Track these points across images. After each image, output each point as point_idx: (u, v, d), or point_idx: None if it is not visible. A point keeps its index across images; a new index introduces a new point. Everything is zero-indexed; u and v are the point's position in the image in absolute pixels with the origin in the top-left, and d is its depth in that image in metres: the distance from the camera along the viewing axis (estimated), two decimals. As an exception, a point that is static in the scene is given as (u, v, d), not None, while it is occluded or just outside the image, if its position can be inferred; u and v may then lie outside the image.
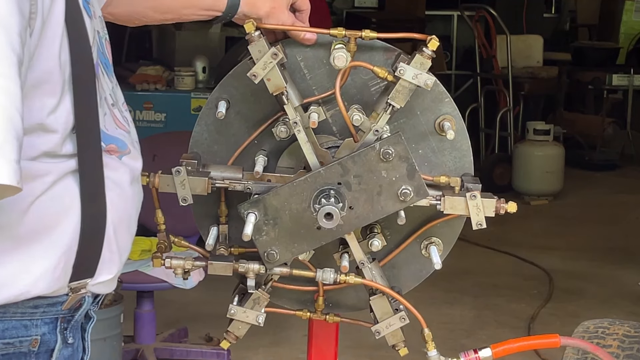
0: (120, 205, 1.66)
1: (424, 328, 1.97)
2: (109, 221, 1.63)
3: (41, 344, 1.60)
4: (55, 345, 1.63)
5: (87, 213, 1.59)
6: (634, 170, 9.31)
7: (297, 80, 1.93)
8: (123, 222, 1.68)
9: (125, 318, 4.03)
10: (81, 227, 1.59)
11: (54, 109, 1.54)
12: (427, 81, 1.83)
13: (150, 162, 4.72)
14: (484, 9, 9.09)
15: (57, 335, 1.63)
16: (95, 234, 1.61)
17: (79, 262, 1.60)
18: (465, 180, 1.92)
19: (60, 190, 1.57)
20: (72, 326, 1.66)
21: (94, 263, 1.63)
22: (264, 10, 1.91)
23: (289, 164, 1.96)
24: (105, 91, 1.69)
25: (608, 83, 9.43)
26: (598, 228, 7.48)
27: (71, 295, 1.62)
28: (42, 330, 1.60)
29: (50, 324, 1.62)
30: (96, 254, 1.62)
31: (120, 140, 1.70)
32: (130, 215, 1.71)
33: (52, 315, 1.61)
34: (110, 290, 1.71)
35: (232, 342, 2.01)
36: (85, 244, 1.60)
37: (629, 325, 2.84)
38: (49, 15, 1.52)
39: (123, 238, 1.69)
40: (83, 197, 1.59)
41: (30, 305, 1.57)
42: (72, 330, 1.66)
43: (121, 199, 1.66)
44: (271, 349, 4.86)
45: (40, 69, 1.51)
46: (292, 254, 1.88)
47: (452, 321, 5.37)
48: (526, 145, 8.29)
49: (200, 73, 6.73)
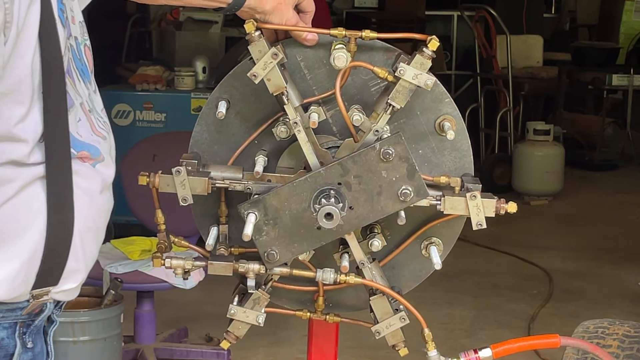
0: (89, 214, 1.64)
1: (424, 328, 1.97)
2: (76, 230, 1.61)
3: (0, 349, 1.58)
4: (15, 350, 1.61)
5: (53, 221, 1.57)
6: (634, 170, 9.31)
7: (297, 80, 1.93)
8: (90, 232, 1.66)
9: (125, 318, 4.03)
10: (46, 235, 1.57)
11: (22, 118, 1.53)
12: (427, 81, 1.83)
13: (150, 162, 4.75)
14: (484, 9, 9.09)
15: (15, 340, 1.61)
16: (60, 243, 1.59)
17: (42, 271, 1.58)
18: (465, 181, 1.92)
19: (26, 198, 1.56)
20: (31, 331, 1.64)
21: (58, 272, 1.60)
22: (270, 5, 1.88)
23: (289, 164, 1.96)
24: (81, 97, 1.67)
25: (608, 83, 9.43)
26: (598, 228, 7.48)
27: (32, 302, 1.60)
28: (1, 334, 1.58)
29: (8, 329, 1.60)
30: (61, 263, 1.60)
31: (94, 147, 1.68)
32: (98, 224, 1.69)
33: (10, 320, 1.60)
34: (73, 297, 1.68)
35: (232, 342, 2.01)
36: (50, 253, 1.58)
37: (629, 325, 2.84)
38: (24, 25, 1.51)
39: (90, 247, 1.67)
40: (49, 205, 1.57)
41: None
42: (31, 334, 1.64)
43: (90, 208, 1.64)
44: (271, 349, 4.86)
45: (11, 77, 1.50)
46: (292, 254, 1.88)
47: (452, 321, 5.37)
48: (526, 145, 8.29)
49: (200, 73, 6.73)
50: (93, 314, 3.88)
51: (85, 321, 3.84)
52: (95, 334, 3.86)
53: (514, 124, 8.90)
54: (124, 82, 6.95)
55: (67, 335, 3.81)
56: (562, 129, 8.98)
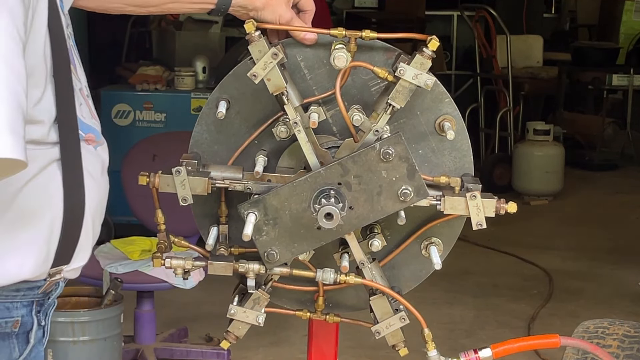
0: (95, 195, 1.73)
1: (424, 328, 1.97)
2: (87, 210, 1.70)
3: (21, 326, 1.67)
4: (32, 327, 1.70)
5: (69, 202, 1.66)
6: (634, 170, 9.31)
7: (297, 80, 1.93)
8: (97, 211, 1.76)
9: (125, 318, 4.03)
10: (64, 214, 1.65)
11: (38, 100, 1.60)
12: (427, 81, 1.83)
13: (150, 162, 4.75)
14: (484, 9, 9.09)
15: (33, 318, 1.70)
16: (75, 223, 1.68)
17: (60, 249, 1.67)
18: (465, 181, 1.92)
19: (45, 179, 1.64)
20: (44, 309, 1.74)
21: (71, 250, 1.70)
22: (260, 1, 1.90)
23: (289, 164, 1.96)
24: (81, 82, 1.75)
25: (608, 83, 9.43)
26: (598, 228, 7.48)
27: (48, 281, 1.70)
28: (21, 312, 1.67)
29: (27, 307, 1.69)
30: (74, 242, 1.69)
31: (95, 130, 1.77)
32: (102, 204, 1.78)
33: (29, 299, 1.69)
34: (76, 276, 1.77)
35: (232, 342, 2.01)
36: (66, 232, 1.66)
37: (629, 325, 2.84)
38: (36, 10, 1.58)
39: (96, 227, 1.76)
40: (65, 186, 1.66)
41: (13, 288, 1.64)
42: (43, 313, 1.74)
43: (95, 189, 1.73)
44: (271, 349, 4.86)
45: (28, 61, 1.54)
46: (292, 254, 1.88)
47: (452, 321, 5.37)
48: (526, 145, 8.29)
49: (200, 73, 6.73)
50: (93, 314, 3.88)
51: (85, 321, 3.84)
52: (95, 334, 3.86)
53: (514, 124, 8.90)
54: (124, 82, 6.95)
55: (67, 335, 3.81)
56: (562, 129, 8.98)
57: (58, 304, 4.07)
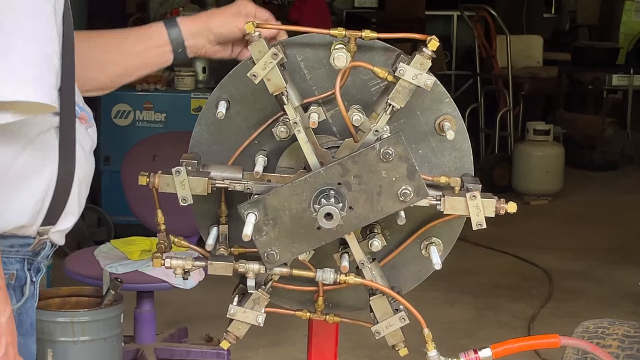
0: (84, 166, 1.87)
1: (424, 328, 1.97)
2: (76, 177, 1.83)
3: (16, 279, 1.82)
4: (26, 281, 1.84)
5: (63, 166, 1.81)
6: (634, 170, 9.30)
7: (297, 80, 1.93)
8: (83, 183, 1.88)
9: (125, 318, 4.03)
10: (57, 177, 1.80)
11: None
12: (427, 81, 1.83)
13: (150, 162, 4.74)
14: (484, 9, 9.08)
15: (25, 273, 1.84)
16: (66, 186, 1.82)
17: (51, 208, 1.81)
18: (465, 181, 1.92)
19: (45, 142, 1.78)
20: (34, 267, 1.87)
21: (59, 212, 1.83)
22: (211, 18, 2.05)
23: (289, 164, 1.96)
24: None
25: (608, 83, 9.42)
26: (598, 228, 7.48)
27: (37, 239, 1.83)
28: (15, 267, 1.82)
29: (20, 263, 1.83)
30: (63, 204, 1.83)
31: (87, 112, 1.91)
32: (88, 179, 1.91)
33: (22, 255, 1.83)
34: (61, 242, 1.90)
35: (232, 342, 2.01)
36: (57, 194, 1.81)
37: (629, 325, 2.84)
38: None
39: (82, 197, 1.89)
40: (60, 151, 1.80)
41: (8, 244, 1.78)
42: (33, 271, 1.87)
43: (84, 161, 1.87)
44: (271, 349, 4.86)
45: None
46: (292, 254, 1.88)
47: (452, 321, 5.37)
48: (526, 145, 8.29)
49: (200, 73, 6.72)
50: (93, 314, 3.88)
51: (85, 321, 3.84)
52: (95, 334, 3.86)
53: (514, 124, 8.90)
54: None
55: (67, 335, 3.81)
56: (562, 129, 8.98)
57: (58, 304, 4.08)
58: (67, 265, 4.38)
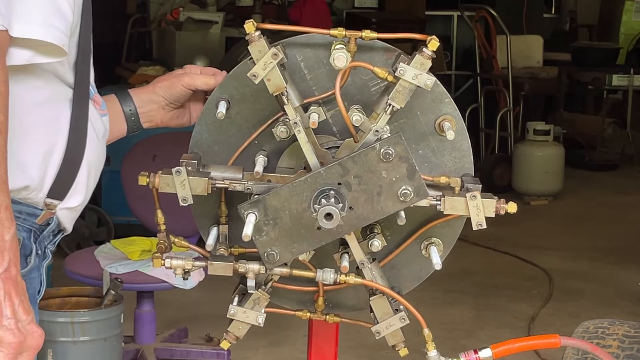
0: (95, 148, 1.88)
1: (424, 328, 1.97)
2: (86, 155, 1.85)
3: (22, 247, 1.79)
4: (31, 252, 1.83)
5: (73, 138, 1.82)
6: (634, 170, 9.31)
7: (297, 80, 1.93)
8: (94, 164, 1.88)
9: (125, 318, 4.03)
10: (66, 147, 1.81)
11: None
12: (427, 81, 1.83)
13: (150, 162, 4.74)
14: (484, 9, 9.08)
15: (32, 244, 1.83)
16: (75, 160, 1.83)
17: (58, 180, 1.82)
18: (465, 181, 1.92)
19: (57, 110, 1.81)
20: (40, 241, 1.86)
21: (66, 188, 1.84)
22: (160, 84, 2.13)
23: (289, 164, 1.96)
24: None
25: (608, 83, 9.42)
26: (598, 228, 7.48)
27: (45, 211, 1.83)
28: (22, 235, 1.80)
29: (27, 232, 1.82)
30: (71, 178, 1.84)
31: (101, 99, 1.94)
32: (98, 164, 1.91)
33: (28, 225, 1.82)
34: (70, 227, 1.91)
35: (232, 342, 2.01)
36: (66, 164, 1.82)
37: (629, 325, 2.84)
38: None
39: (91, 179, 1.89)
40: (72, 123, 1.82)
41: (16, 210, 1.74)
42: (40, 244, 1.86)
43: (95, 143, 1.88)
44: (271, 349, 4.87)
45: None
46: (292, 254, 1.88)
47: (452, 321, 5.37)
48: (526, 145, 8.29)
49: (200, 73, 6.71)
50: (93, 314, 3.88)
51: (85, 321, 3.84)
52: (95, 334, 3.86)
53: (514, 124, 8.90)
54: (124, 82, 6.95)
55: (67, 335, 3.81)
56: (562, 129, 8.98)
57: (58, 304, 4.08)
58: (67, 265, 4.38)
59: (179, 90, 2.10)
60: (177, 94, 2.11)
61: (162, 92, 2.12)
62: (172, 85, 2.11)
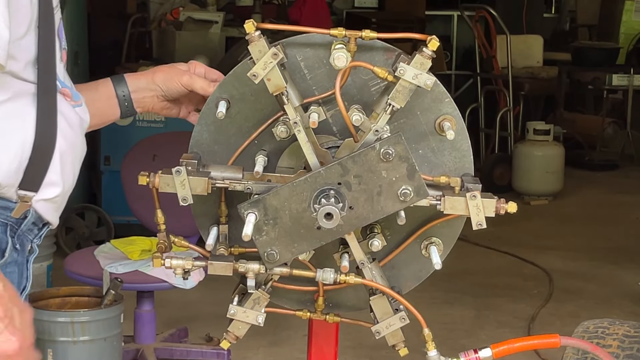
0: (68, 138, 1.84)
1: (424, 328, 1.97)
2: (57, 145, 1.81)
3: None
4: (7, 246, 1.80)
5: (40, 131, 1.79)
6: (634, 170, 9.31)
7: (297, 80, 1.93)
8: (68, 155, 1.85)
9: (125, 318, 4.03)
10: (34, 139, 1.78)
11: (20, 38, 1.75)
12: (427, 81, 1.83)
13: (150, 162, 4.75)
14: (484, 9, 9.09)
15: (7, 237, 1.80)
16: (44, 151, 1.80)
17: (29, 171, 1.79)
18: (465, 181, 1.92)
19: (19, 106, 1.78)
20: (18, 235, 1.83)
21: (39, 179, 1.81)
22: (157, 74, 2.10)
23: (289, 164, 1.96)
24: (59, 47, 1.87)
25: (608, 83, 9.43)
26: (598, 228, 7.48)
27: (19, 204, 1.80)
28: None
29: (2, 226, 1.79)
30: (43, 170, 1.81)
31: (73, 90, 1.90)
32: (75, 153, 1.88)
33: (3, 219, 1.80)
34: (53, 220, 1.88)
35: (232, 342, 2.01)
36: (36, 156, 1.79)
37: (629, 325, 2.84)
38: None
39: (67, 170, 1.86)
40: (38, 116, 1.79)
41: None
42: (18, 239, 1.83)
43: (70, 133, 1.85)
44: (271, 349, 4.87)
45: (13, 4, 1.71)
46: (292, 254, 1.88)
47: (452, 321, 5.37)
48: (526, 145, 8.30)
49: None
50: (93, 314, 3.88)
51: (85, 321, 3.84)
52: (95, 334, 3.86)
53: (514, 124, 8.90)
54: (124, 82, 6.92)
55: (67, 335, 3.81)
56: (562, 129, 8.98)
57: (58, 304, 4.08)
58: (67, 265, 4.38)
59: (176, 86, 2.10)
60: (173, 89, 2.11)
61: (160, 82, 2.11)
62: (170, 80, 2.10)
